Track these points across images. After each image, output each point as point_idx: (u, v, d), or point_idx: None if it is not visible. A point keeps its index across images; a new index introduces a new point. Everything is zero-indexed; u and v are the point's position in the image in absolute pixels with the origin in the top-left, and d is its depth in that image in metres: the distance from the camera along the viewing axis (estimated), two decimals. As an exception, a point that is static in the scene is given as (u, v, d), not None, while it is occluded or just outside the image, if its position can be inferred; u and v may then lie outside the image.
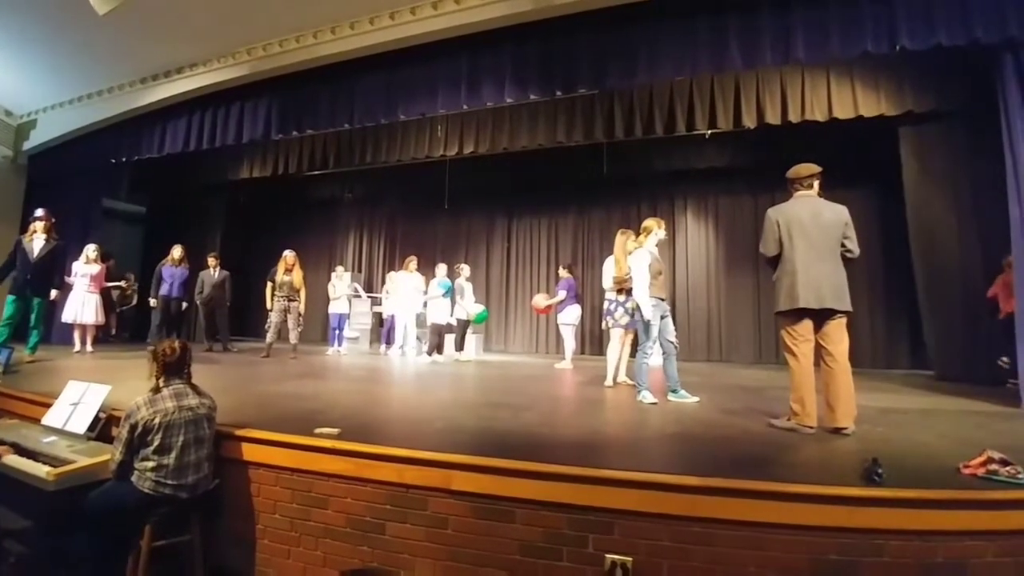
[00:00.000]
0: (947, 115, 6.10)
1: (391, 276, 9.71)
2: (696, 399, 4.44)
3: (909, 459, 2.73)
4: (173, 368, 2.85)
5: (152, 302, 7.81)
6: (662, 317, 4.57)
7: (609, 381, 5.46)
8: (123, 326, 10.21)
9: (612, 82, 5.89)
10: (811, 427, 3.32)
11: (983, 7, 4.58)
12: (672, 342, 4.62)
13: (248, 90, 7.36)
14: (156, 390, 2.77)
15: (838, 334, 3.35)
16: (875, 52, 4.86)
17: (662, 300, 4.59)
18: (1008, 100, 4.71)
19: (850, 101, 6.27)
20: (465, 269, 8.40)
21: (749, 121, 6.58)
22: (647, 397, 4.41)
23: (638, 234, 4.98)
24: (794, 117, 6.41)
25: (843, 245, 3.39)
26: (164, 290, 7.69)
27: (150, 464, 2.64)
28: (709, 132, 7.13)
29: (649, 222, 4.84)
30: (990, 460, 2.43)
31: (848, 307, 3.35)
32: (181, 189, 10.81)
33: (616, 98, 7.16)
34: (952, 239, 6.00)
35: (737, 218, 9.32)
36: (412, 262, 8.66)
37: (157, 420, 2.65)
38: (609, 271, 5.46)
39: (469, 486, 2.54)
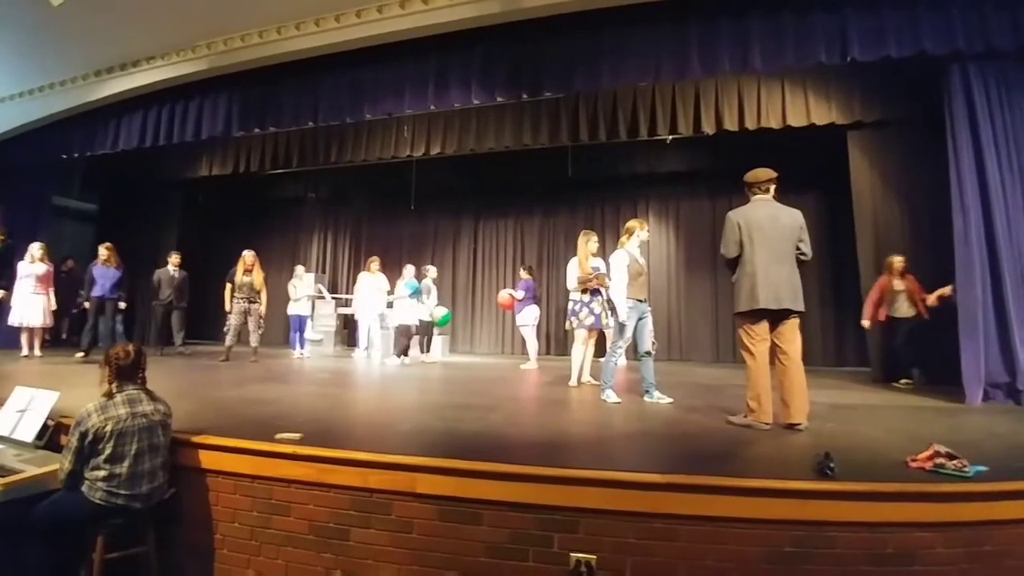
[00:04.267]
0: (894, 124, 6.40)
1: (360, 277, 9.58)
2: (670, 400, 4.46)
3: (859, 453, 2.82)
4: (126, 373, 2.74)
5: (86, 305, 7.43)
6: (640, 318, 4.58)
7: (574, 381, 5.51)
8: (74, 330, 9.74)
9: (577, 86, 5.96)
10: (767, 423, 3.43)
11: (932, 21, 4.76)
12: (649, 346, 4.65)
13: (208, 85, 7.11)
14: (108, 396, 2.66)
15: (792, 333, 3.48)
16: (828, 63, 5.04)
17: (641, 301, 4.57)
18: (954, 112, 4.92)
19: (803, 110, 6.53)
20: (432, 270, 8.35)
21: (708, 127, 6.78)
22: (611, 396, 4.47)
23: (619, 235, 5.00)
24: (750, 124, 6.64)
25: (798, 248, 3.52)
26: (96, 292, 7.26)
27: (102, 473, 2.54)
28: (670, 137, 7.29)
29: (632, 223, 4.82)
30: (937, 454, 2.52)
31: (802, 308, 3.48)
32: (136, 187, 10.40)
33: (581, 102, 7.26)
34: (898, 243, 6.26)
35: (696, 221, 9.53)
36: (374, 263, 8.56)
37: (109, 427, 2.55)
38: (573, 272, 5.51)
39: (435, 489, 2.53)
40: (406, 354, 7.84)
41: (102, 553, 2.56)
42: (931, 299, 5.63)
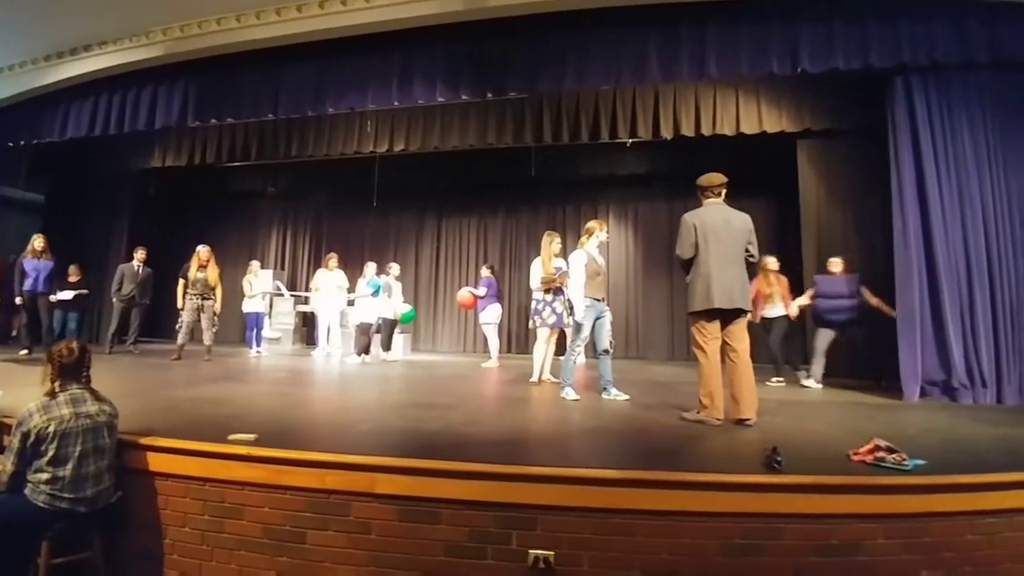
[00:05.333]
0: (841, 133, 6.70)
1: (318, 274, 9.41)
2: (627, 397, 4.56)
3: (805, 447, 2.95)
4: (70, 371, 2.64)
5: (18, 300, 7.02)
6: (598, 317, 4.67)
7: (535, 378, 5.57)
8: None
9: (542, 87, 6.02)
10: (718, 419, 3.55)
11: (879, 35, 4.99)
12: (607, 344, 4.71)
13: (162, 72, 6.83)
14: (51, 395, 2.56)
15: (741, 332, 3.62)
16: (779, 73, 5.24)
17: (598, 300, 4.65)
18: (896, 120, 5.18)
19: (755, 117, 6.79)
20: (395, 268, 8.27)
21: (666, 132, 6.96)
22: (569, 394, 4.53)
23: (579, 235, 5.07)
24: (706, 130, 6.86)
25: (747, 250, 3.66)
26: (28, 285, 6.90)
27: (44, 476, 2.44)
28: (630, 141, 7.44)
29: (592, 224, 4.89)
30: (877, 448, 2.64)
31: (751, 308, 3.63)
32: (85, 177, 9.89)
33: (545, 103, 7.33)
34: (841, 246, 6.53)
35: (653, 223, 9.71)
36: (332, 259, 8.42)
37: (52, 428, 2.45)
38: (537, 272, 5.56)
39: (394, 489, 2.51)
40: (367, 352, 7.75)
41: (47, 558, 2.47)
42: (792, 309, 5.89)
